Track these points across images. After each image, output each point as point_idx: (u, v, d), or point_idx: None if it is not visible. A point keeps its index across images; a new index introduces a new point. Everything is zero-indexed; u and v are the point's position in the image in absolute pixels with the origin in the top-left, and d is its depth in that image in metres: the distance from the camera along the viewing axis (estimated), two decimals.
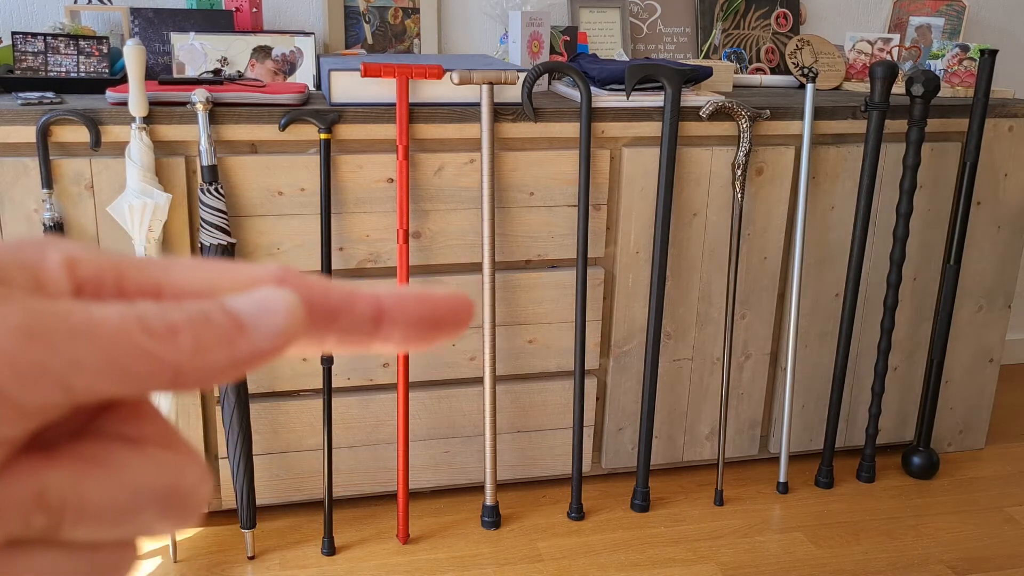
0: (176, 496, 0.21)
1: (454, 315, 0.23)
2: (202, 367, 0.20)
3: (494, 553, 1.84)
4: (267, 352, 0.21)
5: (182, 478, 0.21)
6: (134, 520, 0.20)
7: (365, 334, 0.22)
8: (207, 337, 0.20)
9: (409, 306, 0.23)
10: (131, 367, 0.19)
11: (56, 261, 0.20)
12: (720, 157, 1.89)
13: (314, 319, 0.22)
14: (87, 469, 0.20)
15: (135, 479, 0.20)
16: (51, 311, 0.18)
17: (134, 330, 0.19)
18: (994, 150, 2.05)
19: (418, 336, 0.23)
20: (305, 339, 0.22)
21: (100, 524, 0.20)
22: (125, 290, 0.21)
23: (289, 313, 0.21)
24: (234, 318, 0.20)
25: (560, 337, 1.92)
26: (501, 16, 2.14)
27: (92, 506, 0.20)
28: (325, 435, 1.80)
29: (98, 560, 0.21)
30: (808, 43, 2.22)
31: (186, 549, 1.82)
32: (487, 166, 1.75)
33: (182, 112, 1.63)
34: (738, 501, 2.06)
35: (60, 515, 0.19)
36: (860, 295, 2.07)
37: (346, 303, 0.22)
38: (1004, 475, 2.20)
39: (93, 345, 0.18)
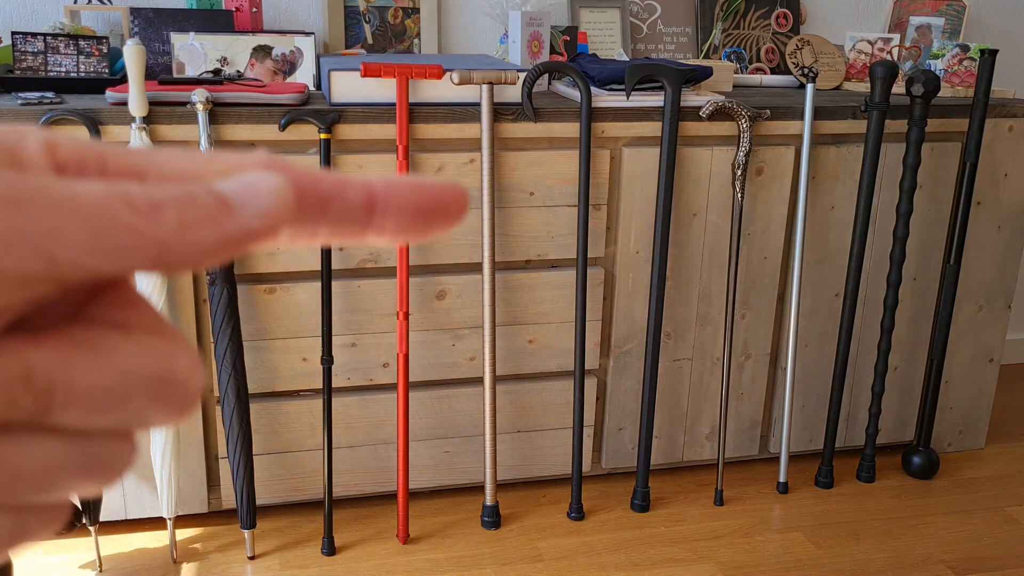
0: (168, 382, 0.21)
1: (448, 202, 0.23)
2: (188, 244, 0.19)
3: (494, 553, 1.84)
4: (255, 232, 0.20)
5: (174, 364, 0.21)
6: (126, 405, 0.20)
7: (358, 223, 0.22)
8: (192, 215, 0.19)
9: (402, 193, 0.22)
10: (114, 241, 0.18)
11: (35, 143, 0.20)
12: (720, 157, 1.89)
13: (303, 204, 0.21)
14: (75, 351, 0.19)
15: (125, 362, 0.20)
16: (30, 182, 0.18)
17: (117, 205, 0.19)
18: (994, 150, 2.05)
19: (413, 225, 0.23)
20: (295, 226, 0.22)
21: (91, 408, 0.19)
22: (108, 174, 0.21)
23: (277, 193, 0.20)
24: (220, 198, 0.20)
25: (560, 337, 1.92)
26: (501, 16, 2.14)
27: (81, 388, 0.19)
28: (325, 435, 1.80)
29: (93, 450, 0.20)
30: (808, 43, 2.22)
31: (186, 549, 1.82)
32: (487, 166, 1.75)
33: (182, 112, 1.63)
34: (738, 501, 2.06)
35: (48, 395, 0.19)
36: (860, 295, 2.07)
37: (336, 190, 0.22)
38: (1004, 475, 2.20)
39: (74, 216, 0.18)
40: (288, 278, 1.77)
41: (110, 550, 1.81)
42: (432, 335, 1.86)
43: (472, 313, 1.86)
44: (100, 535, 1.79)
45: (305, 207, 0.21)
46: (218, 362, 1.69)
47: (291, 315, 1.77)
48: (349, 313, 1.80)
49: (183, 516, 1.86)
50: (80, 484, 0.21)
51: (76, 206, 0.18)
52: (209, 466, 1.85)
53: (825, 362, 2.11)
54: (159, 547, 1.82)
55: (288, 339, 1.79)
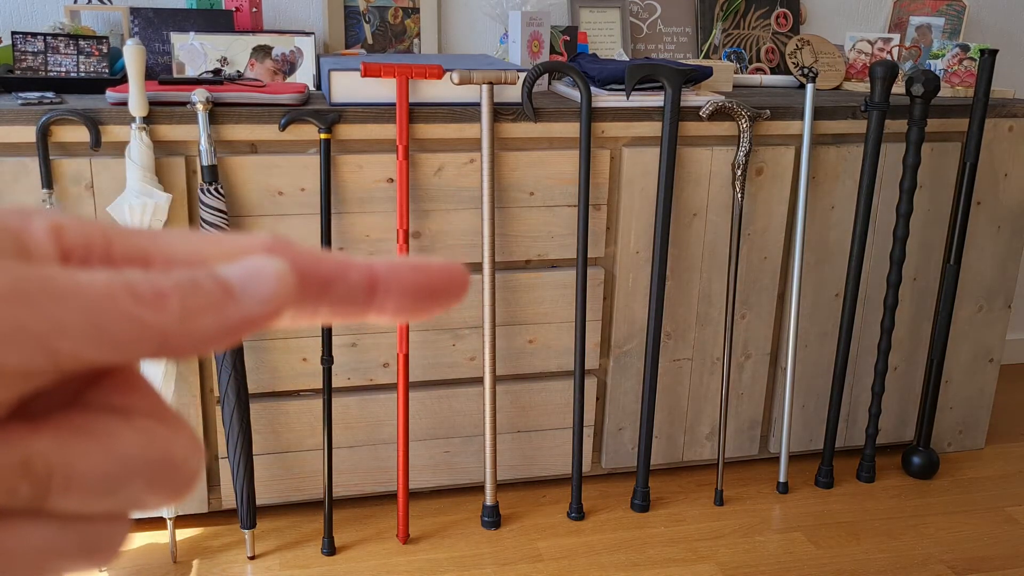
0: (166, 467, 0.21)
1: (449, 284, 0.23)
2: (190, 333, 0.19)
3: (494, 553, 1.84)
4: (257, 318, 0.20)
5: (172, 448, 0.21)
6: (123, 491, 0.20)
7: (359, 304, 0.22)
8: (195, 303, 0.19)
9: (403, 275, 0.22)
10: (117, 331, 0.18)
11: (42, 228, 0.20)
12: (720, 157, 1.89)
13: (305, 287, 0.21)
14: (74, 438, 0.19)
15: (123, 448, 0.20)
16: (35, 274, 0.18)
17: (121, 294, 0.19)
18: (994, 150, 2.05)
19: (413, 306, 0.23)
20: (297, 308, 0.22)
21: (88, 494, 0.20)
22: (113, 259, 0.21)
23: (279, 280, 0.21)
24: (223, 284, 0.20)
25: (560, 337, 1.92)
26: (501, 16, 2.14)
27: (79, 475, 0.19)
28: (325, 435, 1.80)
29: (89, 533, 0.21)
30: (808, 43, 2.22)
31: (186, 549, 1.82)
32: (487, 166, 1.75)
33: (182, 112, 1.63)
34: (738, 501, 2.06)
35: (46, 483, 0.19)
36: (860, 295, 2.07)
37: (339, 272, 0.22)
38: (1004, 475, 2.20)
39: (78, 308, 0.18)
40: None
41: None
42: (432, 335, 1.86)
43: (472, 313, 1.86)
44: None
45: (307, 290, 0.21)
46: (218, 362, 1.69)
47: None
48: None
49: (183, 516, 1.86)
50: (74, 565, 0.21)
51: (80, 298, 0.18)
52: (209, 466, 1.85)
53: (825, 362, 2.11)
54: (159, 547, 1.82)
55: (288, 339, 1.79)
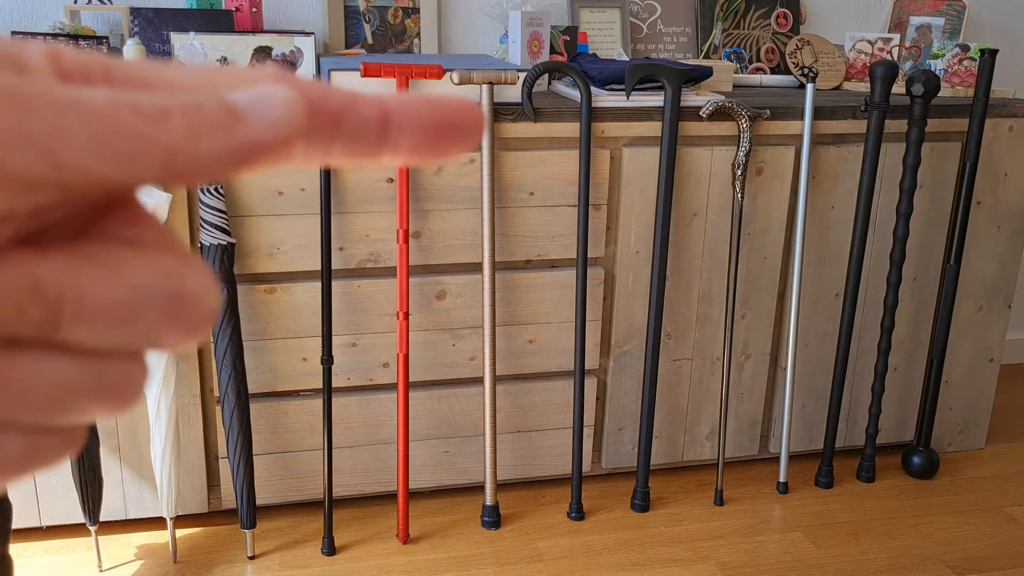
0: (180, 299, 0.20)
1: (464, 120, 0.22)
2: (197, 151, 0.19)
3: (494, 553, 1.84)
4: (266, 143, 0.20)
5: (185, 281, 0.20)
6: (137, 322, 0.19)
7: (372, 141, 0.21)
8: (201, 121, 0.19)
9: (417, 109, 0.22)
10: (120, 144, 0.18)
11: (39, 52, 0.20)
12: (720, 157, 1.89)
13: (315, 117, 0.21)
14: (84, 264, 0.19)
15: (136, 277, 0.19)
16: (33, 84, 0.18)
17: (123, 110, 0.18)
18: (994, 150, 2.05)
19: (428, 143, 0.22)
20: (308, 141, 0.21)
21: (101, 324, 0.19)
22: (112, 84, 0.20)
23: (288, 104, 0.20)
24: (230, 107, 0.19)
25: (560, 337, 1.92)
26: (501, 16, 2.14)
27: (91, 301, 0.19)
28: (325, 435, 1.80)
29: (104, 370, 0.20)
30: (808, 43, 2.22)
31: (186, 549, 1.82)
32: (487, 166, 1.75)
33: None
34: (738, 501, 2.06)
35: (57, 308, 0.18)
36: (860, 295, 2.07)
37: (349, 104, 0.21)
38: (1004, 475, 2.20)
39: (79, 118, 0.18)
40: (288, 278, 1.77)
41: (110, 550, 1.81)
42: (432, 335, 1.86)
43: (472, 313, 1.86)
44: (100, 535, 1.79)
45: (317, 121, 0.21)
46: (218, 362, 1.69)
47: (291, 315, 1.77)
48: (349, 313, 1.80)
49: (183, 516, 1.86)
50: (92, 406, 0.20)
51: (81, 108, 0.18)
52: (209, 466, 1.85)
53: (825, 362, 2.11)
54: (159, 547, 1.82)
55: (288, 339, 1.79)
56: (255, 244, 1.72)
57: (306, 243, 1.74)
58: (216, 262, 1.64)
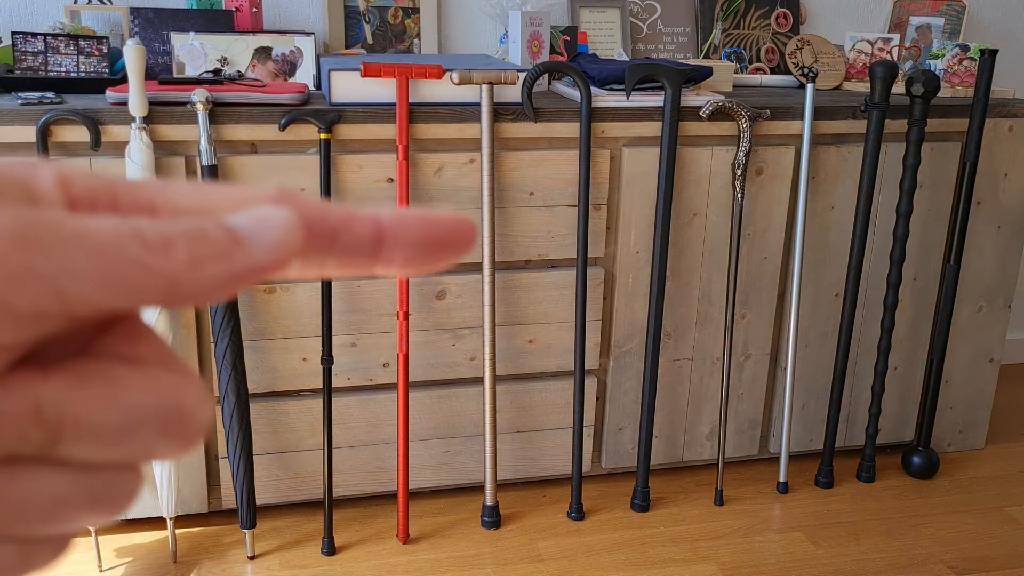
0: (176, 415, 0.21)
1: (456, 236, 0.23)
2: (198, 279, 0.19)
3: (494, 553, 1.84)
4: (264, 267, 0.20)
5: (182, 397, 0.21)
6: (133, 439, 0.20)
7: (366, 256, 0.22)
8: (203, 250, 0.20)
9: (410, 226, 0.22)
10: (125, 276, 0.19)
11: (49, 177, 0.20)
12: (720, 157, 1.89)
13: (312, 237, 0.21)
14: (84, 384, 0.20)
15: (133, 396, 0.20)
16: (44, 218, 0.18)
17: (128, 240, 0.19)
18: (994, 150, 2.05)
19: (420, 258, 0.23)
20: (304, 259, 0.22)
21: (99, 442, 0.20)
22: (119, 209, 0.21)
23: (286, 228, 0.21)
24: (231, 233, 0.20)
25: (560, 337, 1.92)
26: (501, 16, 2.14)
27: (89, 422, 0.19)
28: (325, 435, 1.80)
29: (99, 483, 0.21)
30: (808, 43, 2.22)
31: (186, 549, 1.82)
32: (487, 166, 1.75)
33: (182, 112, 1.63)
34: (738, 501, 2.06)
35: (57, 429, 0.19)
36: (860, 295, 2.07)
37: (345, 223, 0.22)
38: (1004, 475, 2.20)
39: (86, 252, 0.18)
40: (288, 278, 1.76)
41: (110, 550, 1.81)
42: (432, 335, 1.86)
43: (472, 313, 1.86)
44: (100, 535, 1.79)
45: (314, 240, 0.21)
46: (218, 362, 1.69)
47: (291, 315, 1.77)
48: (349, 313, 1.80)
49: (183, 516, 1.86)
50: (85, 516, 0.21)
51: (88, 242, 0.18)
52: (209, 466, 1.85)
53: (825, 362, 2.11)
54: (159, 547, 1.82)
55: (288, 339, 1.79)
56: None
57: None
58: None
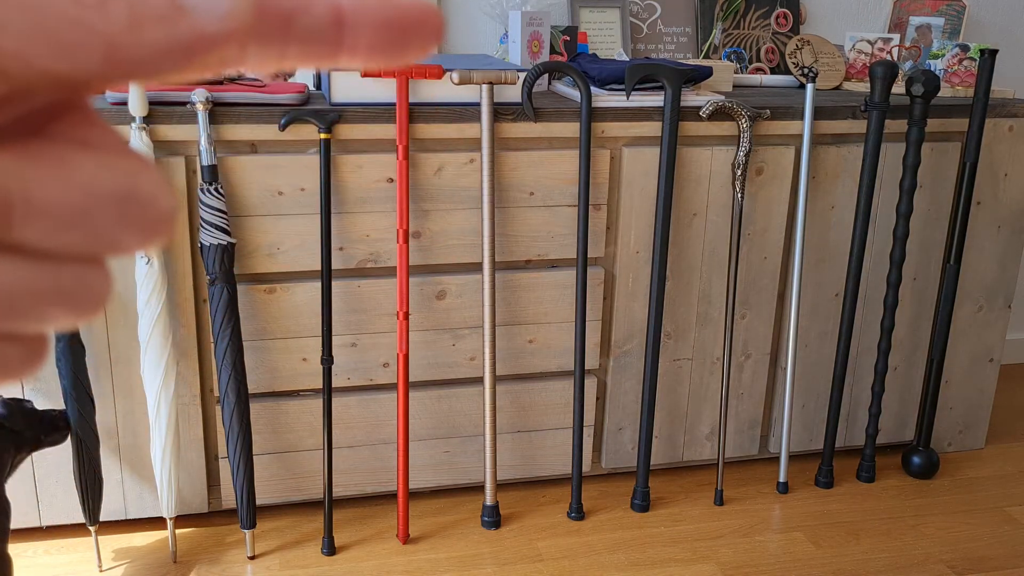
0: (133, 200, 0.20)
1: (421, 19, 0.22)
2: (139, 43, 0.18)
3: (494, 553, 1.84)
4: (212, 37, 0.19)
5: (138, 181, 0.20)
6: (90, 223, 0.19)
7: (327, 42, 0.21)
8: (143, 11, 0.18)
9: (372, 7, 0.21)
10: (59, 32, 0.17)
11: None
12: (720, 157, 1.89)
13: (265, 16, 0.20)
14: (32, 162, 0.18)
15: (86, 176, 0.19)
16: None
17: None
18: (994, 150, 2.05)
19: (386, 43, 0.21)
20: (259, 41, 0.20)
21: (53, 224, 0.19)
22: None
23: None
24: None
25: (560, 337, 1.92)
26: (501, 16, 2.14)
27: (40, 200, 0.18)
28: (325, 435, 1.80)
29: (64, 275, 0.20)
30: (808, 43, 2.22)
31: (186, 549, 1.82)
32: (487, 166, 1.75)
33: (182, 112, 1.63)
34: (738, 501, 2.06)
35: (5, 207, 0.18)
36: (860, 295, 2.07)
37: (301, 3, 0.21)
38: (1004, 475, 2.20)
39: (13, 5, 0.17)
40: (288, 278, 1.77)
41: (110, 550, 1.81)
42: (432, 335, 1.86)
43: (472, 313, 1.86)
44: (100, 535, 1.79)
45: (267, 19, 0.20)
46: (218, 362, 1.69)
47: (291, 315, 1.77)
48: (349, 313, 1.80)
49: (183, 516, 1.86)
50: (52, 311, 0.20)
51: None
52: (209, 466, 1.85)
53: (825, 362, 2.11)
54: (159, 547, 1.82)
55: (288, 339, 1.79)
56: (255, 244, 1.72)
57: (306, 243, 1.74)
58: (216, 262, 1.64)
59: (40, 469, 1.77)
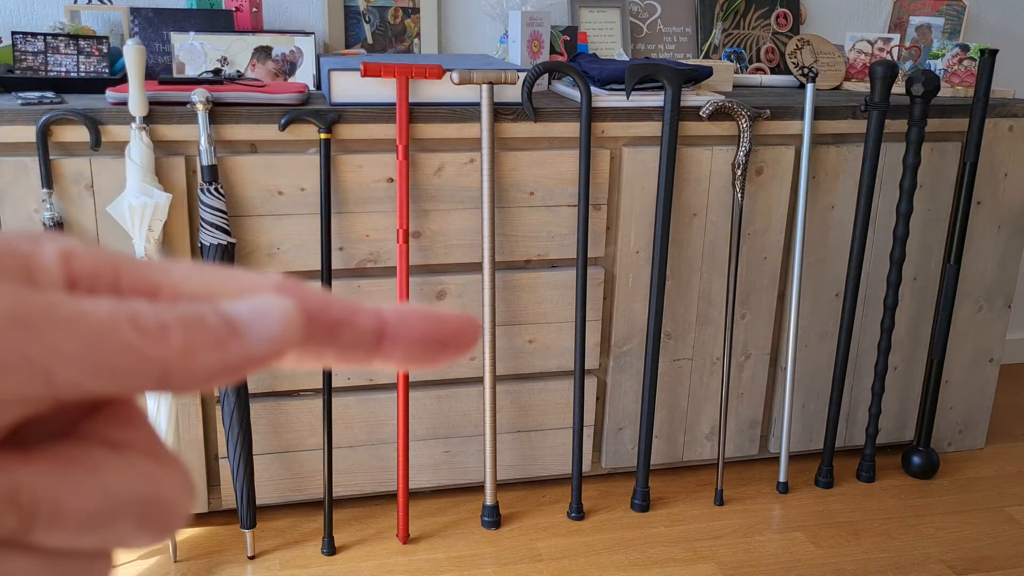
0: (155, 507, 0.20)
1: (459, 336, 0.23)
2: (192, 368, 0.19)
3: (494, 553, 1.84)
4: (260, 358, 0.20)
5: (163, 488, 0.20)
6: (110, 528, 0.20)
7: (366, 350, 0.22)
8: (199, 338, 0.19)
9: (413, 323, 0.22)
10: (117, 363, 0.18)
11: (51, 253, 0.20)
12: (720, 157, 1.89)
13: (312, 329, 0.21)
14: (65, 471, 0.19)
15: (114, 485, 0.20)
16: (38, 300, 0.18)
17: (124, 325, 0.18)
18: (994, 150, 2.05)
19: (421, 355, 0.22)
20: (303, 350, 0.21)
21: (74, 530, 0.19)
22: (121, 289, 0.21)
23: (285, 319, 0.20)
24: (228, 321, 0.20)
25: (560, 337, 1.92)
26: (501, 16, 2.14)
27: (66, 510, 0.19)
28: (325, 435, 1.80)
29: (70, 569, 0.20)
30: (808, 43, 2.22)
31: (186, 549, 1.82)
32: (487, 166, 1.75)
33: (182, 112, 1.63)
34: (738, 501, 2.06)
35: (32, 517, 0.18)
36: (860, 295, 2.07)
37: (347, 316, 0.22)
38: (1004, 475, 2.20)
39: (79, 337, 0.18)
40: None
41: None
42: None
43: (472, 313, 1.86)
44: None
45: (314, 332, 0.21)
46: None
47: None
48: None
49: None
50: None
51: (83, 326, 0.18)
52: (209, 466, 1.85)
53: (825, 362, 2.11)
54: (159, 547, 1.82)
55: None
56: (255, 244, 1.72)
57: (306, 243, 1.74)
58: (216, 262, 1.64)
59: None
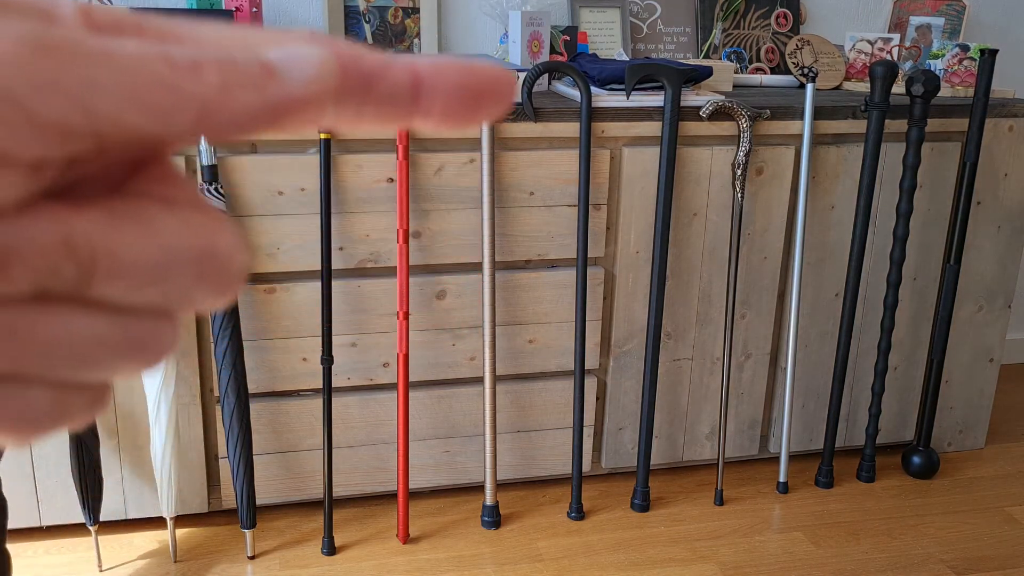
0: (211, 258, 0.20)
1: (496, 86, 0.22)
2: (230, 106, 0.19)
3: (494, 553, 1.84)
4: (299, 100, 0.19)
5: (217, 240, 0.20)
6: (169, 280, 0.19)
7: (403, 104, 0.21)
8: (235, 76, 0.19)
9: (448, 74, 0.22)
10: (153, 96, 0.18)
11: (70, 5, 0.19)
12: (720, 157, 1.89)
13: (347, 79, 0.20)
14: (117, 221, 0.19)
15: (169, 236, 0.19)
16: (64, 34, 0.17)
17: (156, 61, 0.18)
18: (994, 150, 2.05)
19: (460, 108, 0.22)
20: (340, 102, 0.21)
21: (134, 281, 0.19)
22: (145, 38, 0.20)
23: (321, 63, 0.20)
24: (264, 63, 0.19)
25: (560, 337, 1.92)
26: (501, 16, 2.14)
27: (123, 259, 0.19)
28: (325, 435, 1.80)
29: (136, 328, 0.20)
30: (808, 43, 2.22)
31: (186, 549, 1.82)
32: (487, 166, 1.75)
33: None
34: (738, 501, 2.06)
35: (90, 265, 0.18)
36: (860, 295, 2.07)
37: (381, 67, 0.21)
38: (1004, 475, 2.20)
39: (111, 68, 0.17)
40: (288, 278, 1.77)
41: (110, 550, 1.81)
42: (432, 335, 1.86)
43: (472, 313, 1.86)
44: (100, 535, 1.79)
45: (349, 82, 0.21)
46: (218, 362, 1.69)
47: (291, 315, 1.77)
48: (349, 313, 1.80)
49: (183, 516, 1.86)
50: (122, 363, 0.20)
51: (112, 59, 0.17)
52: (209, 466, 1.85)
53: (825, 362, 2.11)
54: (159, 547, 1.82)
55: (288, 339, 1.79)
56: (255, 244, 1.72)
57: (306, 243, 1.74)
58: None
59: (40, 469, 1.77)
